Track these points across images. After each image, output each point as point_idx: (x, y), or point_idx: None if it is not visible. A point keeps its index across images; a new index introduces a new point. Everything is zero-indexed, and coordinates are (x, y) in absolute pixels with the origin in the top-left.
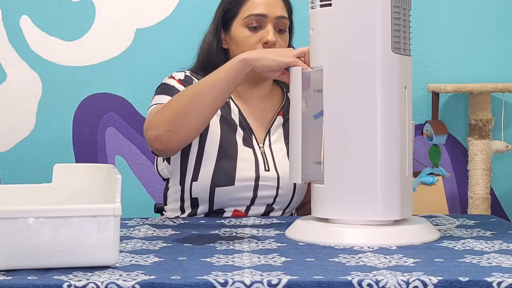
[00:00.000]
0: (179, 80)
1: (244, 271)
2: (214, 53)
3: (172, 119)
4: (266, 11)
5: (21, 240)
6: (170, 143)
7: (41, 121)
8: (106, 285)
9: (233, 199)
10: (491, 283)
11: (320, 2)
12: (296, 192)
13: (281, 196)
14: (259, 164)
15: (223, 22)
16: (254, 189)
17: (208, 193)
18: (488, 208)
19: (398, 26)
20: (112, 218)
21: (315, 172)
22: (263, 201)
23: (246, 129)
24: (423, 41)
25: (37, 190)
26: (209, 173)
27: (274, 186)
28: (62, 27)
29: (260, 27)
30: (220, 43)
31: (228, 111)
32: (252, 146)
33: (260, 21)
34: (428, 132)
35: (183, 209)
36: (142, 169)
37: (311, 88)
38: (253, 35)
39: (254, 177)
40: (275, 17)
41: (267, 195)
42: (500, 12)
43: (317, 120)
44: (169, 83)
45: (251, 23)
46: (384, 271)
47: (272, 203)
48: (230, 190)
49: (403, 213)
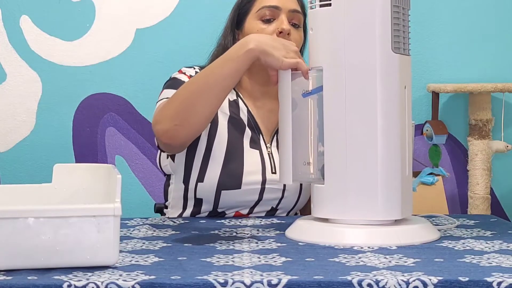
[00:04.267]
0: (188, 76)
1: (244, 271)
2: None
3: (179, 112)
4: (279, 3)
5: (21, 240)
6: (179, 136)
7: (41, 121)
8: (106, 285)
9: (239, 202)
10: (491, 283)
11: (319, 2)
12: (302, 194)
13: (286, 199)
14: (266, 167)
15: (237, 21)
16: (260, 192)
17: (214, 195)
18: (488, 208)
19: (398, 26)
20: (112, 218)
21: (305, 173)
22: (267, 203)
23: (254, 128)
24: (423, 41)
25: (37, 190)
26: (216, 176)
27: (280, 189)
28: (62, 27)
29: (274, 19)
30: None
31: (236, 110)
32: (259, 147)
33: (274, 13)
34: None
35: (185, 207)
36: (142, 169)
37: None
38: (268, 27)
39: (261, 181)
40: (289, 10)
41: (272, 198)
42: (500, 12)
43: (306, 122)
44: (179, 77)
45: (264, 15)
46: (384, 271)
47: (276, 205)
48: (236, 193)
49: (403, 213)
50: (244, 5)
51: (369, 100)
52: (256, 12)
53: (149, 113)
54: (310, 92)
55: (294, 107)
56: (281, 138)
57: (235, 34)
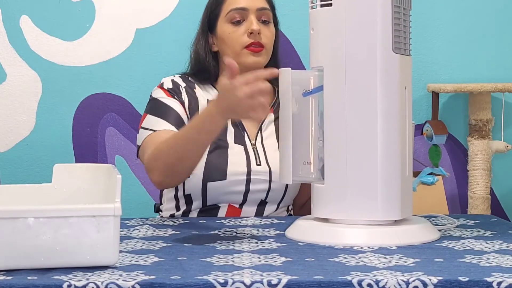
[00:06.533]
0: (167, 91)
1: (244, 271)
2: (204, 60)
3: (167, 168)
4: (246, 5)
5: (21, 240)
6: (171, 184)
7: (41, 121)
8: (106, 285)
9: (226, 193)
10: (491, 283)
11: (320, 2)
12: (288, 187)
13: (273, 191)
14: (251, 159)
15: (209, 25)
16: (247, 183)
17: (201, 188)
18: (488, 208)
19: (399, 26)
20: (112, 218)
21: (305, 172)
22: (256, 195)
23: (238, 125)
24: (423, 41)
25: (37, 190)
26: (201, 169)
27: (267, 180)
28: (62, 27)
29: (243, 20)
30: (209, 47)
31: None
32: (244, 143)
33: (242, 15)
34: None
35: (178, 208)
36: (142, 169)
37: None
38: (238, 29)
39: (246, 172)
40: (257, 9)
41: (260, 189)
42: (500, 12)
43: (307, 121)
44: (159, 97)
45: (233, 18)
46: (384, 271)
47: (265, 198)
48: (222, 184)
49: (403, 213)
50: (214, 9)
51: (369, 100)
52: (225, 15)
53: None
54: (311, 92)
55: (294, 106)
56: (281, 138)
57: (208, 37)
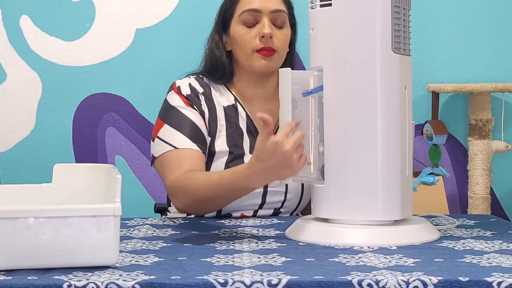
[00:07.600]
0: (186, 98)
1: (244, 271)
2: (218, 59)
3: (195, 204)
4: (259, 6)
5: (21, 240)
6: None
7: (41, 121)
8: (106, 285)
9: (242, 206)
10: (491, 283)
11: (320, 2)
12: (303, 195)
13: (289, 201)
14: None
15: (223, 24)
16: (263, 196)
17: None
18: (488, 208)
19: (398, 26)
20: (112, 218)
21: (305, 172)
22: (271, 206)
23: (254, 133)
24: (423, 41)
25: (37, 190)
26: None
27: (282, 192)
28: (62, 27)
29: (257, 23)
30: (223, 46)
31: (235, 116)
32: None
33: (256, 17)
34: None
35: (189, 214)
36: (142, 169)
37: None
38: (250, 31)
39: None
40: (270, 11)
41: (275, 201)
42: (500, 12)
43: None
44: (176, 106)
45: (246, 20)
46: (384, 271)
47: (280, 207)
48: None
49: (403, 213)
50: (228, 8)
51: (369, 100)
52: (239, 16)
53: (149, 113)
54: (310, 92)
55: (294, 107)
56: None
57: (222, 37)
